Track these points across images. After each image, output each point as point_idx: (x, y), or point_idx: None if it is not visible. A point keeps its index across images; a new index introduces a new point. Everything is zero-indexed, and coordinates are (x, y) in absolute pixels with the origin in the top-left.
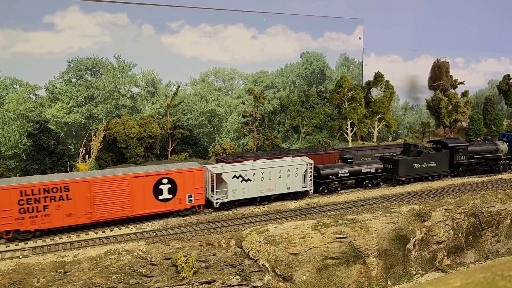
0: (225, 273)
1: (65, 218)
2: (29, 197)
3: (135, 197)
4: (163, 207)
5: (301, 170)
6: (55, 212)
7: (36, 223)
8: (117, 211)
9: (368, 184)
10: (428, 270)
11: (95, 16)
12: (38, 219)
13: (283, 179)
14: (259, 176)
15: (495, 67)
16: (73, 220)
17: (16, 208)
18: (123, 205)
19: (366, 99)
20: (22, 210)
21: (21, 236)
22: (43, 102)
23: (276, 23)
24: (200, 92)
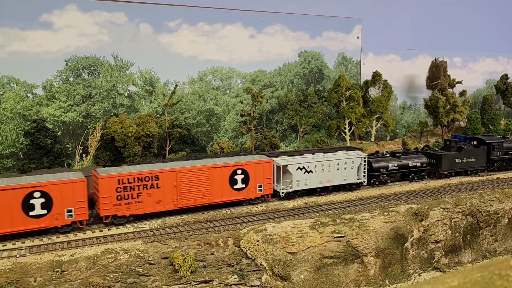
0: (223, 272)
1: (155, 204)
2: (125, 185)
3: (214, 186)
4: (237, 196)
5: (356, 163)
6: (147, 199)
7: (130, 209)
8: (199, 198)
9: (414, 177)
10: (426, 270)
11: (93, 15)
12: (133, 205)
13: (341, 171)
14: (320, 168)
15: (493, 67)
16: (161, 207)
17: (114, 195)
18: (204, 193)
19: (364, 98)
20: (119, 197)
21: (117, 221)
22: (40, 101)
23: (274, 23)
24: (198, 91)
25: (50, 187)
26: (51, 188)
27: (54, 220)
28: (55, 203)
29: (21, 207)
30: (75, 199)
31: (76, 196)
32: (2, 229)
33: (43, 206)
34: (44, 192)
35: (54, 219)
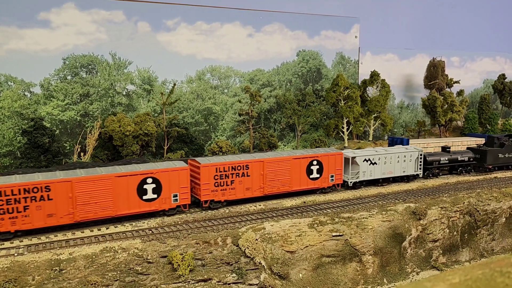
0: (222, 271)
1: (245, 191)
2: (221, 173)
3: (293, 176)
4: (313, 185)
5: (414, 156)
6: (238, 186)
7: (225, 195)
8: (281, 186)
9: (462, 170)
10: (424, 268)
11: (91, 13)
12: (227, 191)
13: (400, 163)
14: (383, 160)
15: (490, 67)
16: (250, 193)
17: (212, 182)
18: (285, 182)
19: (362, 97)
20: (216, 183)
21: (213, 205)
22: (38, 100)
23: (273, 22)
24: (196, 90)
25: (160, 174)
26: (161, 175)
27: (162, 204)
28: (164, 188)
29: (136, 192)
30: (180, 185)
31: (181, 182)
32: (120, 211)
33: (154, 191)
34: (155, 178)
35: (162, 203)
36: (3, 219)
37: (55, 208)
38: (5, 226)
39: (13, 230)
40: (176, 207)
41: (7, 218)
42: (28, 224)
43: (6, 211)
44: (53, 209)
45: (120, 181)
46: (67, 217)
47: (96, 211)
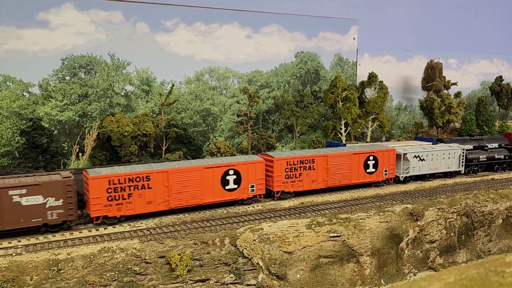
0: (219, 271)
1: (311, 183)
2: (291, 166)
3: (352, 170)
4: (369, 178)
5: (457, 154)
6: (305, 178)
7: (294, 187)
8: (342, 179)
9: (499, 168)
10: (421, 269)
11: (89, 13)
12: (295, 183)
13: (445, 160)
14: (430, 157)
15: (487, 69)
16: (315, 185)
17: (283, 174)
18: (345, 176)
19: (360, 99)
20: (287, 176)
21: (283, 195)
22: (36, 100)
23: (271, 23)
24: (195, 91)
25: (241, 166)
26: (241, 167)
27: (241, 193)
28: (243, 179)
29: (220, 182)
30: (256, 177)
31: (257, 174)
32: (207, 199)
33: (235, 181)
34: (236, 170)
35: (241, 193)
36: (111, 205)
37: (154, 196)
38: (112, 212)
39: (118, 215)
40: (252, 196)
41: (114, 205)
42: (131, 210)
43: (113, 198)
44: (152, 196)
45: (207, 172)
46: (163, 204)
47: (187, 199)
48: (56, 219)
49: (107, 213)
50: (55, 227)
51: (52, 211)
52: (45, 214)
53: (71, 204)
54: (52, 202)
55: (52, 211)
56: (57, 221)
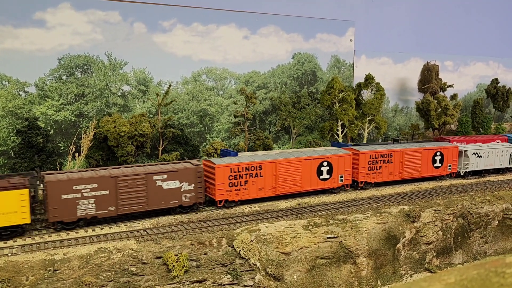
0: (216, 272)
1: (388, 175)
2: (374, 159)
3: (423, 163)
4: (436, 172)
5: (509, 152)
6: (385, 171)
7: (374, 178)
8: (414, 172)
9: None
10: (417, 271)
11: (87, 13)
12: (376, 175)
13: (499, 157)
14: (486, 154)
15: (483, 71)
16: (392, 177)
17: (366, 167)
18: (416, 169)
19: (357, 100)
20: (369, 168)
21: (365, 186)
22: (32, 99)
23: (268, 24)
24: (192, 91)
25: (333, 159)
26: (333, 159)
27: (332, 183)
28: (334, 170)
29: (316, 172)
30: (345, 168)
31: (345, 166)
32: (305, 187)
33: (327, 172)
34: (329, 162)
35: (332, 182)
36: (231, 191)
37: (264, 183)
38: (232, 196)
39: (237, 199)
40: (341, 186)
41: (234, 190)
42: (246, 195)
43: (233, 184)
44: (263, 183)
45: (306, 163)
46: (271, 191)
47: (290, 187)
48: (188, 201)
49: (228, 197)
50: (187, 208)
51: (186, 194)
52: (180, 197)
53: (200, 188)
54: (186, 186)
55: (186, 194)
56: (189, 203)
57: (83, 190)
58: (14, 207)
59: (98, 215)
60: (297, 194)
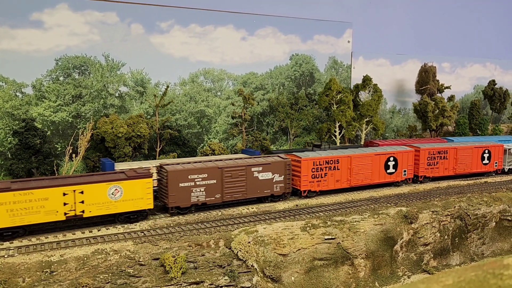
0: (214, 273)
1: (444, 170)
2: (432, 155)
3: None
4: (484, 169)
5: None
6: (441, 166)
7: (432, 173)
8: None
9: None
10: (415, 272)
11: (84, 14)
12: (433, 170)
13: None
14: None
15: (480, 73)
16: (447, 172)
17: (426, 162)
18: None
19: (355, 102)
20: (428, 163)
21: (424, 180)
22: (29, 100)
23: (266, 25)
24: (189, 92)
25: (398, 154)
26: (398, 155)
27: (397, 177)
28: (399, 165)
29: (383, 166)
30: (408, 163)
31: (408, 161)
32: (374, 180)
33: (393, 166)
34: (395, 157)
35: (397, 176)
36: (313, 182)
37: (340, 176)
38: (314, 187)
39: (317, 190)
40: (405, 179)
41: (315, 181)
42: (325, 186)
43: (315, 176)
44: (339, 176)
45: (376, 158)
46: (346, 183)
47: (362, 179)
48: (279, 191)
49: (310, 188)
50: (277, 197)
51: (277, 185)
52: (272, 187)
53: (288, 179)
54: (277, 177)
55: (277, 185)
56: (279, 193)
57: (196, 179)
58: (141, 193)
59: (207, 202)
60: (367, 186)
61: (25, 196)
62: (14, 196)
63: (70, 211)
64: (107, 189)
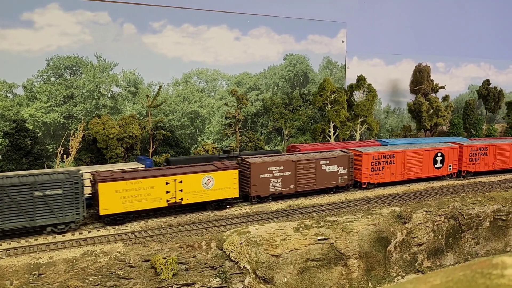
0: (205, 275)
1: (484, 166)
2: (474, 152)
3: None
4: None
5: None
6: (481, 162)
7: (473, 168)
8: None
9: None
10: (409, 272)
11: (75, 14)
12: (475, 165)
13: None
14: None
15: (475, 73)
16: (486, 167)
17: (468, 158)
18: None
19: (349, 102)
20: (470, 159)
21: (466, 175)
22: (20, 101)
23: (260, 25)
24: (183, 93)
25: (445, 150)
26: (445, 151)
27: (443, 171)
28: (445, 160)
29: (432, 161)
30: (453, 159)
31: (454, 156)
32: (423, 174)
33: (440, 161)
34: (442, 153)
35: (443, 170)
36: (372, 175)
37: (395, 169)
38: (373, 179)
39: (376, 182)
40: (450, 174)
41: (374, 174)
42: (382, 179)
43: (374, 169)
44: (394, 170)
45: (426, 154)
46: (400, 176)
47: (413, 173)
48: (342, 183)
49: (370, 180)
50: (341, 189)
51: (341, 177)
52: (337, 179)
53: (351, 172)
54: (341, 170)
55: (341, 177)
56: (343, 184)
57: (274, 171)
58: (229, 183)
59: (283, 192)
60: (417, 180)
61: (135, 184)
62: (126, 185)
63: (171, 198)
64: (201, 179)
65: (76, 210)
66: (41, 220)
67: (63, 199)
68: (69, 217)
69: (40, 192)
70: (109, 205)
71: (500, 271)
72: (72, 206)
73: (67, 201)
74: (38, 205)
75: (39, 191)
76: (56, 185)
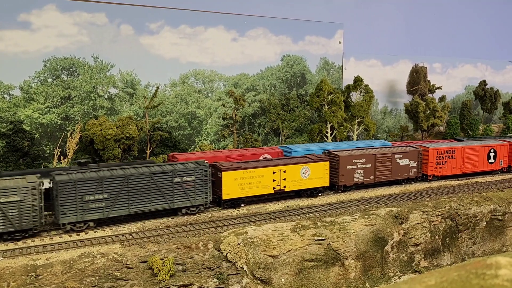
0: (203, 276)
1: None
2: None
3: None
4: None
5: None
6: None
7: None
8: None
9: None
10: (406, 272)
11: (72, 15)
12: None
13: None
14: None
15: (471, 73)
16: None
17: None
18: None
19: (346, 103)
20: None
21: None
22: (17, 102)
23: (257, 26)
24: (180, 94)
25: (497, 147)
26: (497, 147)
27: (495, 166)
28: (497, 156)
29: (486, 157)
30: (503, 155)
31: (504, 152)
32: (479, 168)
33: (493, 157)
34: (494, 149)
35: (495, 165)
36: (436, 168)
37: (455, 164)
38: (437, 172)
39: (439, 175)
40: (501, 169)
41: (438, 168)
42: (444, 172)
43: (438, 163)
44: (454, 164)
45: (481, 149)
46: (459, 169)
47: (470, 167)
48: (412, 175)
49: (434, 173)
50: (411, 180)
51: (411, 170)
52: (408, 171)
53: (420, 166)
54: (412, 164)
55: (411, 170)
56: (412, 176)
57: (358, 163)
58: (322, 173)
59: (364, 182)
60: (472, 174)
61: (250, 173)
62: (243, 173)
63: (277, 186)
64: (300, 169)
65: (205, 194)
66: (178, 203)
67: (195, 185)
68: (199, 200)
69: (178, 178)
70: (230, 191)
71: (494, 271)
72: (202, 191)
73: (198, 187)
74: (176, 190)
75: (177, 178)
76: (190, 172)
